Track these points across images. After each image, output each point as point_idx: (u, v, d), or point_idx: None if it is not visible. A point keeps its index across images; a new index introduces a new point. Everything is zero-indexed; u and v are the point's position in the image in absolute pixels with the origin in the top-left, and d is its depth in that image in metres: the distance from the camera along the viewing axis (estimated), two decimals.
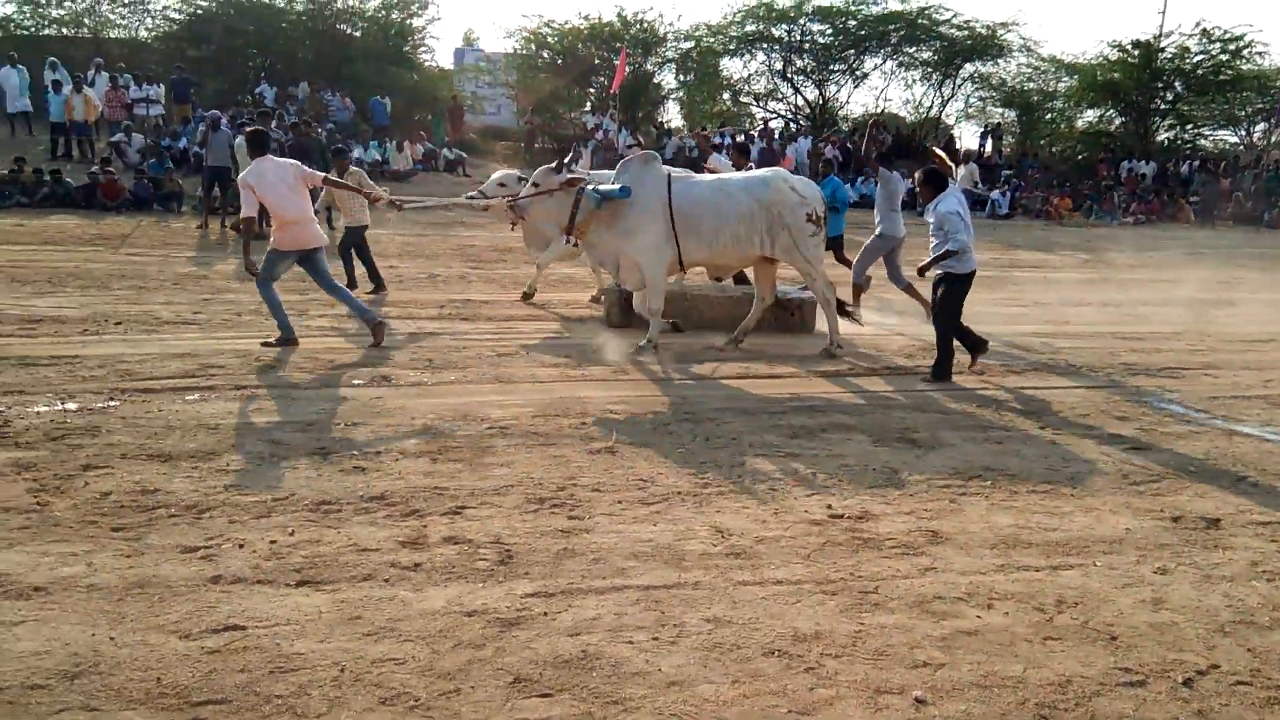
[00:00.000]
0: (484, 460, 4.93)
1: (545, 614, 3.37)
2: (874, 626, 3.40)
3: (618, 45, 25.38)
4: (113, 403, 5.66)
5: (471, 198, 8.82)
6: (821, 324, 8.17)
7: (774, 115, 30.00)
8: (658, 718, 2.81)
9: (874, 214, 9.46)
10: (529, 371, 6.85)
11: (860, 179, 23.65)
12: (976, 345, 7.19)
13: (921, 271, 7.04)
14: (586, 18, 27.28)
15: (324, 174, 7.82)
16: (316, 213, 8.54)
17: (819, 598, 3.60)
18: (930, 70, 29.55)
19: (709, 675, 3.04)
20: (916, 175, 7.35)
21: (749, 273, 8.38)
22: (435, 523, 4.13)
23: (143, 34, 26.38)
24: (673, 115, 30.65)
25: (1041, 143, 29.85)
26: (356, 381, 6.40)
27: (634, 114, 27.41)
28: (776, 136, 23.97)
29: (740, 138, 22.01)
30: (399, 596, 3.47)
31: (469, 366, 6.91)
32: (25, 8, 25.20)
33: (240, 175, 7.59)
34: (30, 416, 5.32)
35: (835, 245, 9.98)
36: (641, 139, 23.28)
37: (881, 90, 43.35)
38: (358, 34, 25.99)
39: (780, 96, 30.44)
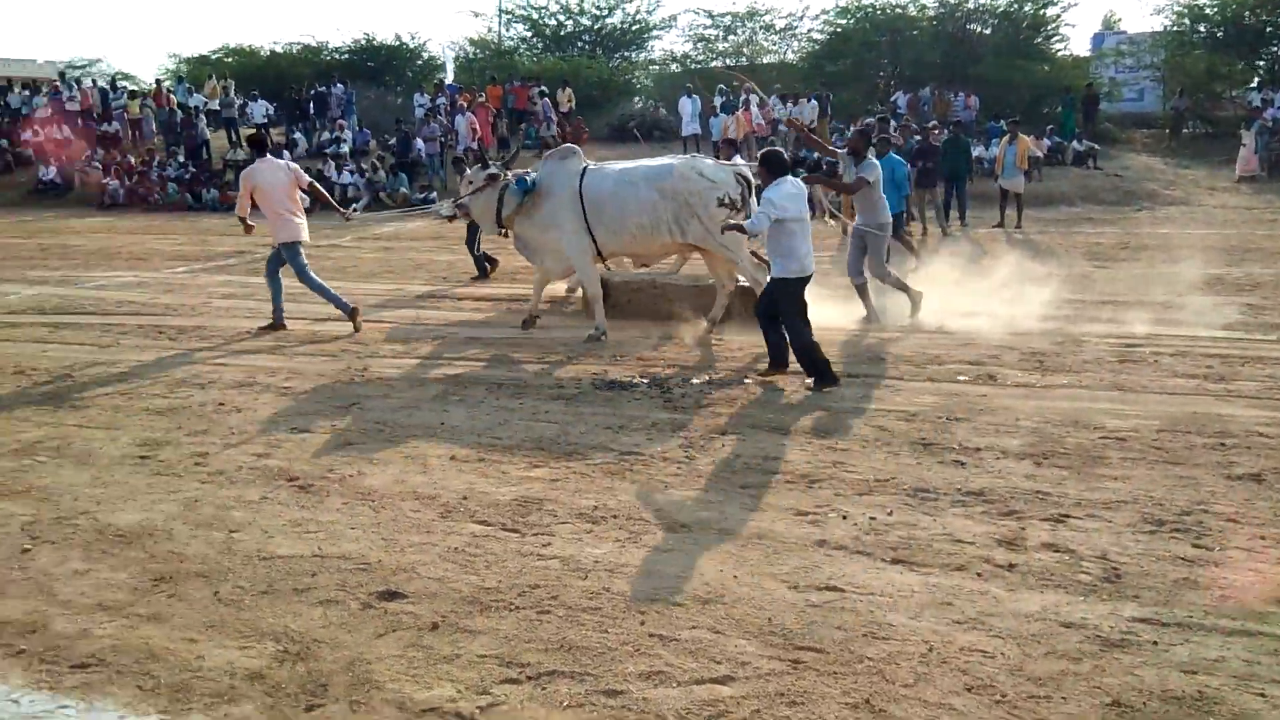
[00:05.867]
0: (1095, 470, 4.60)
1: (1155, 643, 3.06)
2: None
3: None
4: (747, 380, 6.47)
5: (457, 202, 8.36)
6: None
7: None
8: None
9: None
10: (1158, 381, 6.16)
11: None
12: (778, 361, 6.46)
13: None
14: None
15: (310, 179, 8.39)
16: None
17: None
18: None
19: None
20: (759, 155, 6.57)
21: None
22: (1035, 527, 3.99)
23: (790, 56, 29.36)
24: None
25: None
26: (962, 378, 6.41)
27: None
28: None
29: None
30: (991, 592, 3.45)
31: (1084, 371, 6.46)
32: (699, 44, 29.80)
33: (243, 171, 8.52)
34: (685, 387, 6.34)
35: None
36: None
37: None
38: (987, 31, 25.63)
39: None
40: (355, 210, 8.72)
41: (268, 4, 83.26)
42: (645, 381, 6.43)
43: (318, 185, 8.60)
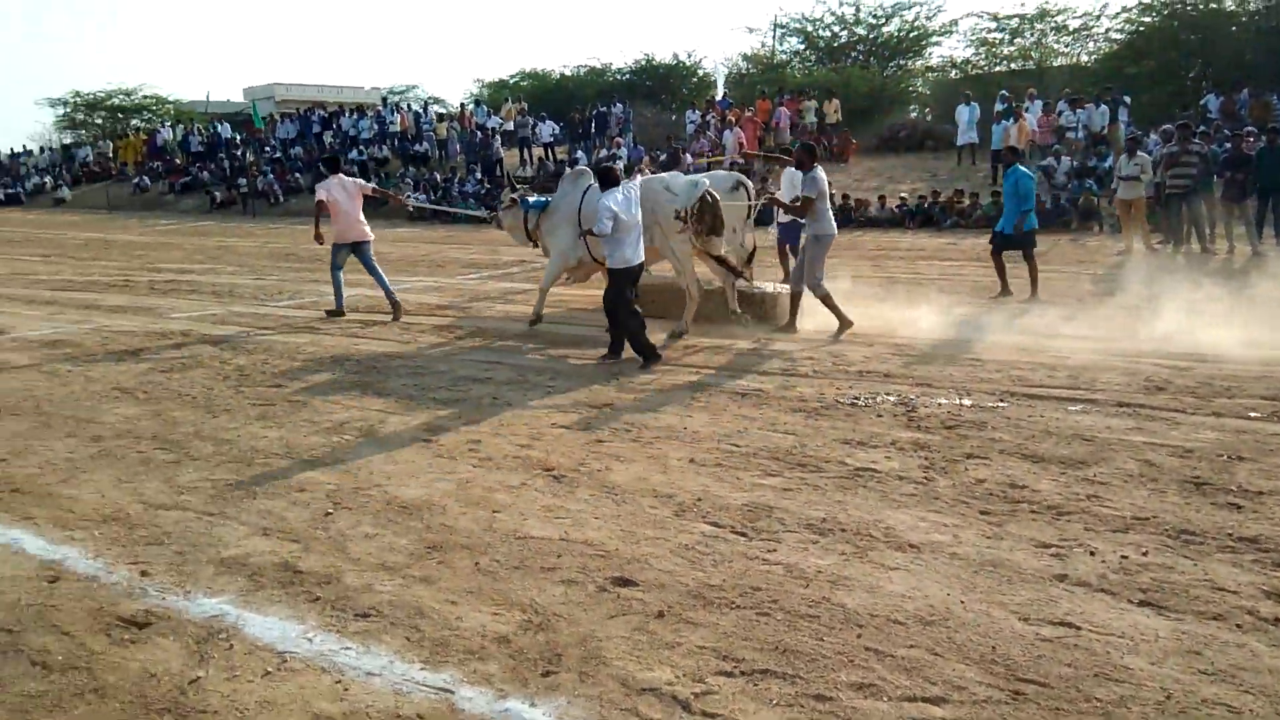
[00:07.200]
0: None
1: None
2: None
3: None
4: (1002, 404, 6.23)
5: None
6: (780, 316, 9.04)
7: None
8: None
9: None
10: None
11: None
12: (617, 348, 7.69)
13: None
14: None
15: (372, 185, 10.81)
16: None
17: None
18: None
19: None
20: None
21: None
22: None
23: (1083, 59, 27.38)
24: None
25: None
26: (1254, 414, 5.79)
27: None
28: None
29: None
30: (1249, 645, 3.17)
31: None
32: (981, 49, 28.48)
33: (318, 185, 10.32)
34: (933, 406, 6.21)
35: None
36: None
37: None
38: None
39: None
40: (411, 198, 12.25)
41: (560, 29, 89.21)
42: (891, 399, 6.37)
43: (379, 188, 10.87)
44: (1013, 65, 28.61)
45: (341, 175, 10.23)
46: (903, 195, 19.57)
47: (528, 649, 3.29)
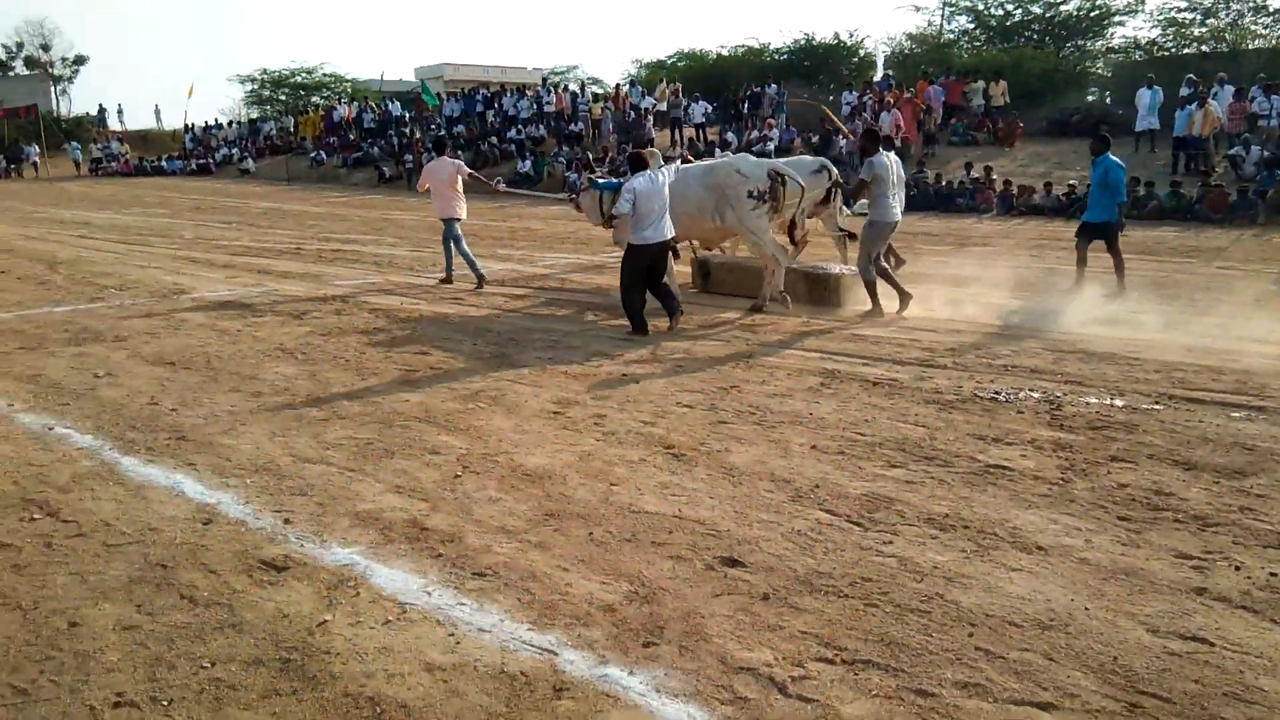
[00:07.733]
0: None
1: None
2: None
3: None
4: (1158, 406, 5.85)
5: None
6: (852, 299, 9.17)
7: None
8: None
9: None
10: None
11: None
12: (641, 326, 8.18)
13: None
14: None
15: (470, 170, 11.16)
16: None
17: None
18: None
19: None
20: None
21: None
22: None
23: None
24: None
25: None
26: None
27: None
28: None
29: None
30: None
31: None
32: (1169, 30, 26.49)
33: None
34: (1080, 405, 5.89)
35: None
36: None
37: None
38: None
39: None
40: (500, 182, 13.48)
41: (721, 9, 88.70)
42: (1035, 396, 6.09)
43: (476, 174, 11.41)
44: (1203, 47, 26.50)
45: (444, 158, 11.12)
46: (1071, 183, 18.51)
47: (631, 619, 3.36)
